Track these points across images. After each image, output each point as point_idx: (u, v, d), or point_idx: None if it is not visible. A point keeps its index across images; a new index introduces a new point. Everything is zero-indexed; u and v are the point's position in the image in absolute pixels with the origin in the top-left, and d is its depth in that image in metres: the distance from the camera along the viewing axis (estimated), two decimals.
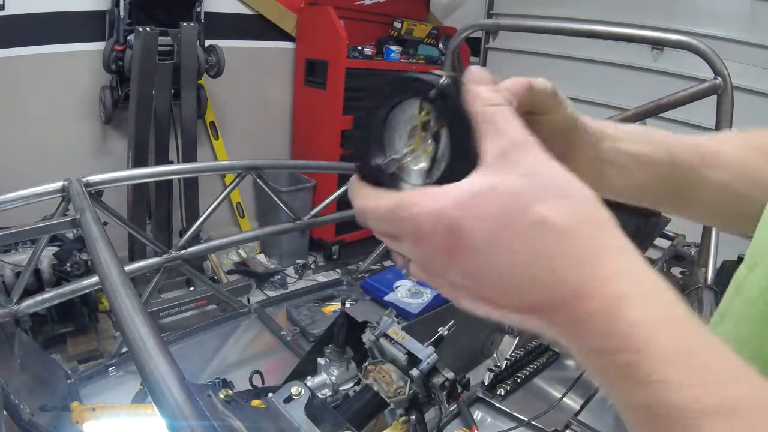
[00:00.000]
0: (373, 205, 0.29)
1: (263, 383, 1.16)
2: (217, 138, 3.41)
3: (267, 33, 3.48)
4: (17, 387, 1.07)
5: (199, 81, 2.87)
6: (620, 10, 3.10)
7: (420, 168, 0.30)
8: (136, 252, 2.79)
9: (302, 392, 0.92)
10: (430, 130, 0.29)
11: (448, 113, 0.28)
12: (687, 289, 1.50)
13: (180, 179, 2.98)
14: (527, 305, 0.27)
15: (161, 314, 2.57)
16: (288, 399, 0.92)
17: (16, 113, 2.65)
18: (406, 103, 0.30)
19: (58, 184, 1.25)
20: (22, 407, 1.00)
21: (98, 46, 2.69)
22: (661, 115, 1.69)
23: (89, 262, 2.22)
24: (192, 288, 2.92)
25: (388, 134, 0.31)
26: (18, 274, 1.91)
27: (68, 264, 2.25)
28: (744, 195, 0.44)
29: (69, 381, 1.31)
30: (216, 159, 3.40)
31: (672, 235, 2.16)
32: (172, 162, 2.89)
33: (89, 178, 1.31)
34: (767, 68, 2.72)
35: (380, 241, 0.32)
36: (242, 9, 3.31)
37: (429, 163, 0.29)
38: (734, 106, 1.41)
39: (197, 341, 1.61)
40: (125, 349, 1.35)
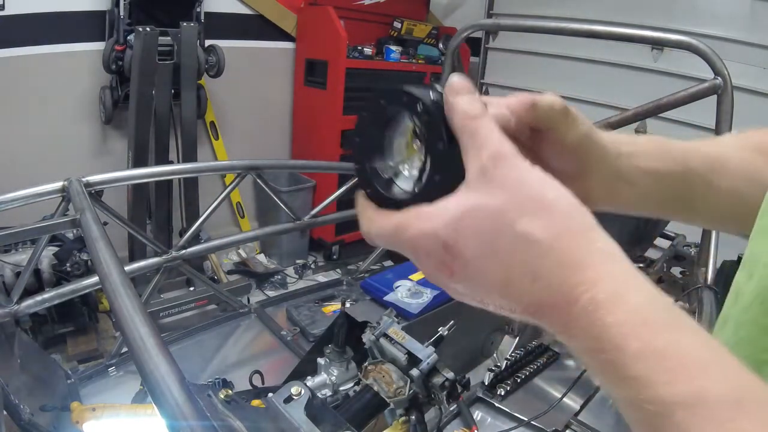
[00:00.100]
0: (376, 229, 0.32)
1: (263, 383, 1.15)
2: (217, 138, 3.41)
3: (267, 33, 3.48)
4: (17, 387, 1.07)
5: (199, 81, 2.87)
6: (620, 10, 3.10)
7: (412, 174, 0.32)
8: (136, 252, 2.79)
9: (302, 392, 0.92)
10: (422, 141, 0.31)
11: (431, 128, 0.30)
12: (687, 289, 1.50)
13: (180, 179, 2.98)
14: (523, 308, 0.29)
15: (161, 314, 2.56)
16: (288, 399, 0.92)
17: (16, 113, 2.65)
18: (401, 114, 0.32)
19: (58, 184, 1.25)
20: (22, 407, 1.00)
21: (98, 46, 2.69)
22: (661, 115, 1.68)
23: (89, 262, 2.22)
24: (192, 288, 2.92)
25: (387, 141, 0.33)
26: (18, 274, 1.91)
27: (68, 264, 2.25)
28: (749, 197, 0.44)
29: (69, 381, 1.31)
30: (216, 159, 3.40)
31: (672, 235, 2.17)
32: (172, 162, 2.89)
33: (89, 178, 1.31)
34: (767, 68, 2.72)
35: None
36: (242, 9, 3.31)
37: (419, 172, 0.31)
38: (734, 106, 1.42)
39: (197, 341, 1.61)
40: (125, 349, 1.35)
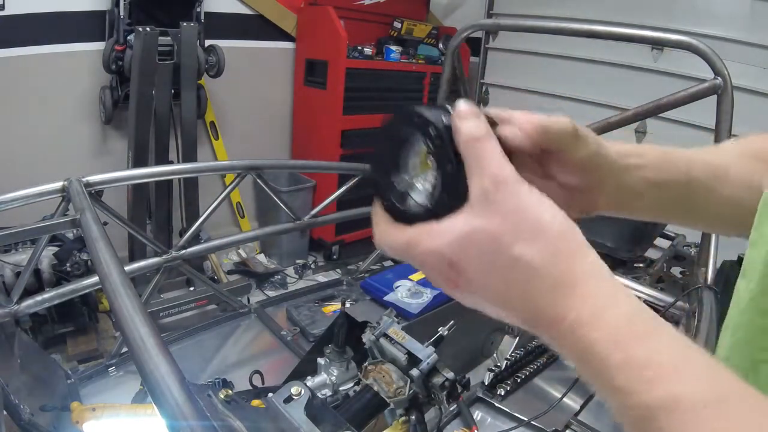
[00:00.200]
0: (389, 242, 0.35)
1: (263, 383, 1.15)
2: (217, 138, 3.41)
3: (267, 33, 3.47)
4: (17, 387, 1.07)
5: (199, 81, 2.87)
6: (620, 10, 3.10)
7: (425, 188, 0.35)
8: (136, 252, 2.79)
9: (302, 392, 0.92)
10: (433, 159, 0.34)
11: (441, 150, 0.33)
12: (687, 289, 1.50)
13: (180, 179, 2.97)
14: (521, 321, 0.33)
15: (161, 314, 2.56)
16: (288, 399, 0.92)
17: (16, 113, 2.65)
18: (415, 135, 0.35)
19: (58, 184, 1.25)
20: (22, 407, 1.00)
21: (98, 46, 2.69)
22: (661, 115, 1.68)
23: (89, 262, 2.22)
24: (192, 288, 2.92)
25: (402, 157, 0.36)
26: (18, 274, 1.91)
27: (68, 264, 2.25)
28: (749, 203, 0.46)
29: (69, 381, 1.31)
30: (216, 159, 3.40)
31: (672, 235, 2.17)
32: (172, 162, 2.89)
33: (89, 178, 1.31)
34: (767, 68, 2.72)
35: None
36: (242, 9, 3.31)
37: (432, 187, 0.34)
38: (734, 106, 1.41)
39: (197, 341, 1.60)
40: (125, 349, 1.35)
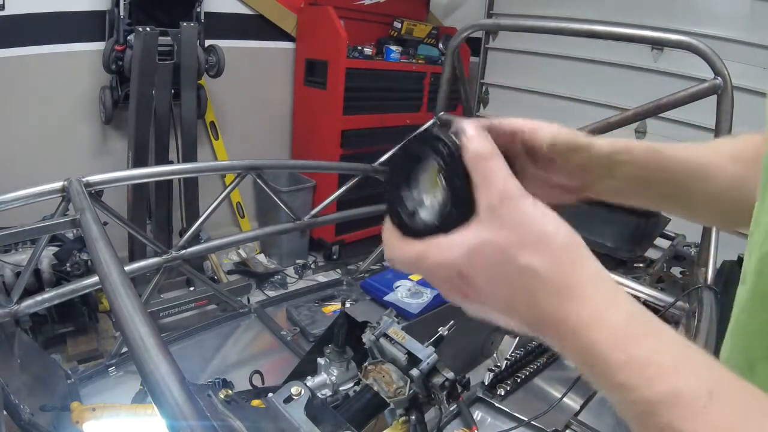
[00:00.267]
0: (399, 256, 0.37)
1: (263, 383, 1.16)
2: (217, 138, 3.41)
3: (267, 33, 3.47)
4: (17, 387, 1.07)
5: (199, 81, 2.87)
6: (620, 10, 3.10)
7: (433, 206, 0.37)
8: (136, 252, 2.79)
9: (302, 392, 0.92)
10: (443, 177, 0.36)
11: (450, 167, 0.35)
12: (687, 289, 1.50)
13: (180, 179, 2.97)
14: (525, 326, 0.35)
15: (161, 314, 2.56)
16: (288, 399, 0.92)
17: (16, 113, 2.65)
18: (427, 153, 0.37)
19: (58, 184, 1.25)
20: (22, 407, 1.00)
21: (98, 46, 2.69)
22: (661, 115, 1.68)
23: (89, 262, 2.22)
24: (192, 288, 2.92)
25: (414, 176, 0.38)
26: (18, 274, 1.91)
27: (68, 264, 2.25)
28: (725, 202, 0.52)
29: (69, 381, 1.31)
30: (216, 159, 3.40)
31: (672, 235, 2.17)
32: (172, 162, 2.89)
33: (89, 178, 1.31)
34: (767, 68, 2.72)
35: (380, 242, 0.39)
36: (242, 9, 3.31)
37: (440, 205, 0.36)
38: (734, 106, 1.41)
39: (197, 341, 1.61)
40: (125, 349, 1.35)
